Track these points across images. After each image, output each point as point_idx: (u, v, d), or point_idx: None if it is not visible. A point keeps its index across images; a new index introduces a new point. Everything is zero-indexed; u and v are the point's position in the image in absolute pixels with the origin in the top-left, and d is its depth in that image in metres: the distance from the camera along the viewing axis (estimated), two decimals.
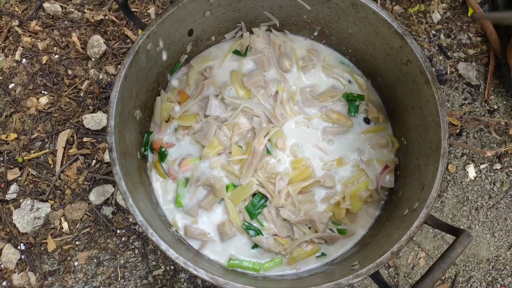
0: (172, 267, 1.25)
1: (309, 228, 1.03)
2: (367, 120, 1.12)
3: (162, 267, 1.25)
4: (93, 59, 1.36)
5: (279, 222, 1.03)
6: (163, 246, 0.76)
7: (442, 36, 1.47)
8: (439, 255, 1.31)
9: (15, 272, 1.22)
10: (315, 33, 1.11)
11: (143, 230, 0.77)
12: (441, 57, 1.45)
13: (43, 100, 1.32)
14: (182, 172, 1.05)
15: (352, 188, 1.05)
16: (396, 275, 1.30)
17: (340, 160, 1.08)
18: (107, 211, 1.27)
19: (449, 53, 1.45)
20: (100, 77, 1.35)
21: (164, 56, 1.00)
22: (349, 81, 1.14)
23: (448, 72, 1.44)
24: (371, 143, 1.10)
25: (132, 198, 0.78)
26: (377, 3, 1.29)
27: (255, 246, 1.03)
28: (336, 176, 1.08)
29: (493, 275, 1.33)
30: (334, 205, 1.04)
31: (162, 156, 1.06)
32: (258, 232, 1.02)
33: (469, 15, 1.47)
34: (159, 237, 0.77)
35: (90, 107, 1.33)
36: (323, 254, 1.04)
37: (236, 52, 1.13)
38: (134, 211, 0.77)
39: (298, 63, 1.13)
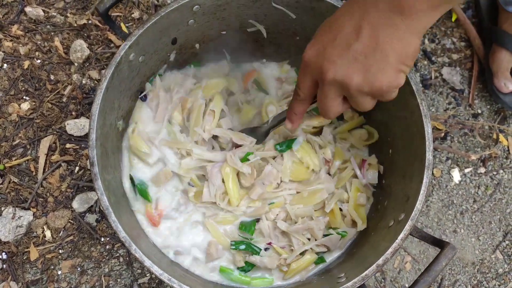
0: None
1: (309, 239, 0.98)
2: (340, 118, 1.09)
3: (147, 275, 1.24)
4: (76, 64, 1.33)
5: (276, 234, 0.98)
6: (147, 262, 0.75)
7: (426, 41, 1.47)
8: (425, 259, 1.33)
9: None
10: (297, 38, 1.08)
11: (126, 246, 0.76)
12: (425, 62, 1.46)
13: (25, 106, 1.29)
14: None
15: (351, 202, 1.00)
16: (382, 280, 1.31)
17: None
18: (91, 218, 1.25)
19: (433, 58, 1.46)
20: (83, 82, 1.32)
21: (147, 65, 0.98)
22: None
23: (433, 77, 1.45)
24: (352, 139, 1.07)
25: (115, 214, 0.77)
26: None
27: (246, 265, 0.97)
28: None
29: (478, 278, 1.34)
30: (329, 212, 1.00)
31: None
32: (250, 247, 0.96)
33: (453, 20, 1.48)
34: (143, 253, 0.76)
35: (73, 113, 1.31)
36: (322, 260, 1.00)
37: None
38: (117, 227, 0.76)
39: None
